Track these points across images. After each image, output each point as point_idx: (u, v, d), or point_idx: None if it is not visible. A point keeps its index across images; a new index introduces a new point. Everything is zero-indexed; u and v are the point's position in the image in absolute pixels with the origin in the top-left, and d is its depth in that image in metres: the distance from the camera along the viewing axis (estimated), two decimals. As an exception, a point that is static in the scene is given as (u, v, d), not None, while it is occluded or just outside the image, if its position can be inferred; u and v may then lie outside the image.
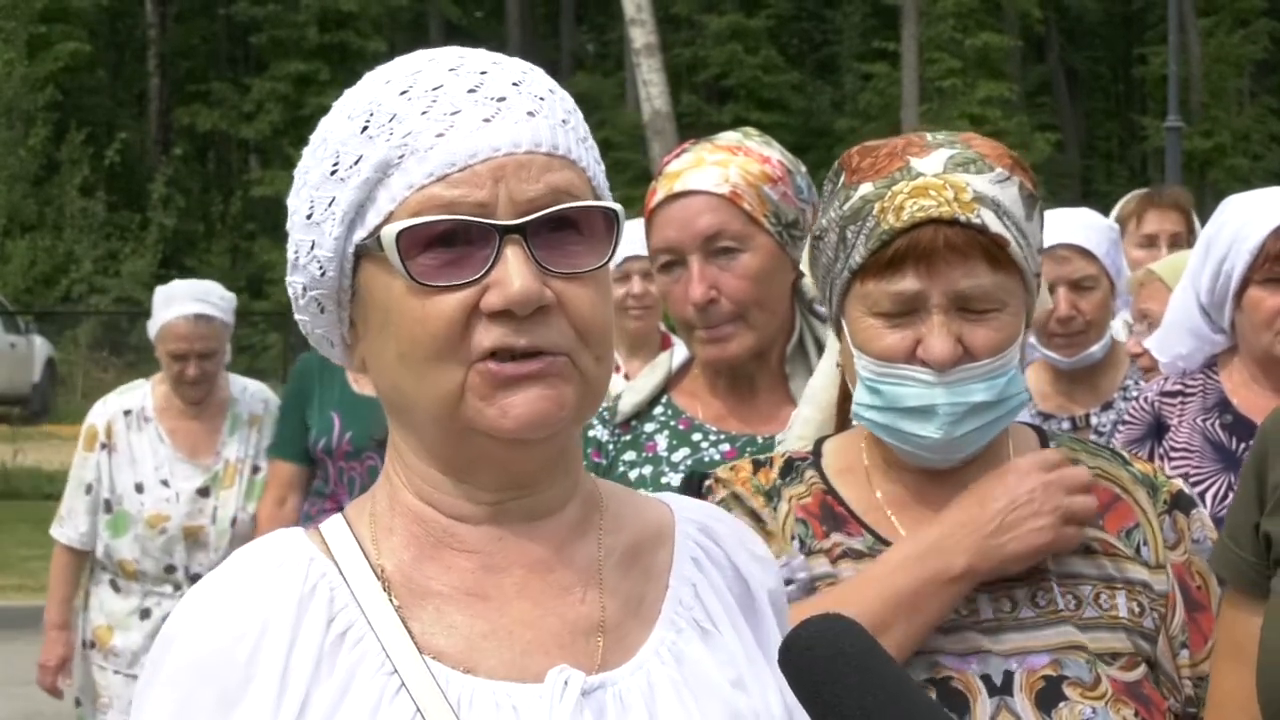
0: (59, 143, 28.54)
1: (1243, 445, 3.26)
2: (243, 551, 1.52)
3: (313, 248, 1.49)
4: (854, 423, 2.10)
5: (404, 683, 1.43)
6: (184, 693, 1.45)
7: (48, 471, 16.43)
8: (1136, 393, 3.94)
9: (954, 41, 34.07)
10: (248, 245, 32.57)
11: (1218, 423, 3.37)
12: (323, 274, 1.50)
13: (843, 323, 2.04)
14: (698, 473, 2.13)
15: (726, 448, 2.78)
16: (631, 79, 29.27)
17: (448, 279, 1.44)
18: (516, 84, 1.48)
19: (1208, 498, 3.27)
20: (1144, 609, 2.02)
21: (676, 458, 2.79)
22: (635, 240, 5.02)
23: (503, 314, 1.43)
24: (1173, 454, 3.38)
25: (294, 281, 1.53)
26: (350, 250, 1.48)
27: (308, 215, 1.50)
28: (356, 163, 1.46)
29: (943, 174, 1.96)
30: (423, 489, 1.51)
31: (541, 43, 40.40)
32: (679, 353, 2.94)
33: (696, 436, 2.81)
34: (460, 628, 1.47)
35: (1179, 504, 2.09)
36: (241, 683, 1.43)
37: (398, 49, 1.75)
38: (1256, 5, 37.26)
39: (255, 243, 31.91)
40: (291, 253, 1.53)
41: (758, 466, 2.14)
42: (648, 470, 2.80)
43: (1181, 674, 2.02)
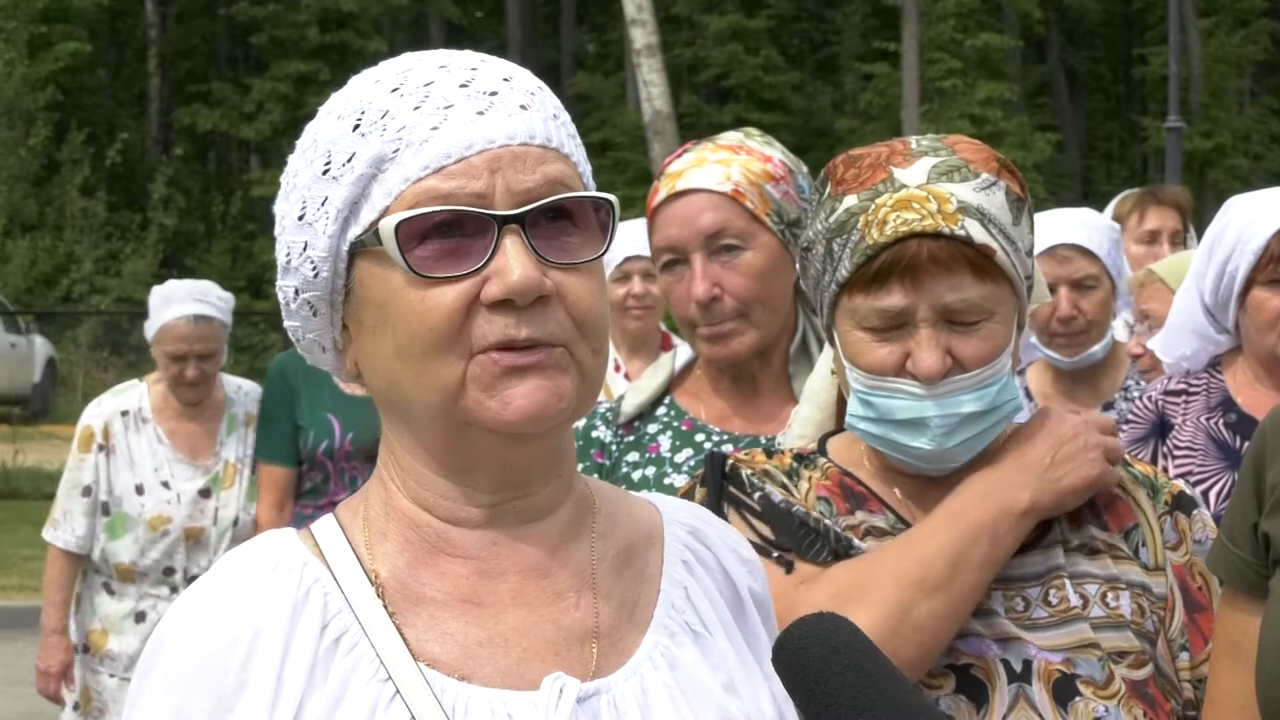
0: (59, 143, 28.55)
1: (1246, 444, 3.24)
2: (234, 554, 1.50)
3: (305, 248, 1.49)
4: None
5: (399, 690, 1.42)
6: (178, 699, 1.44)
7: (48, 471, 16.41)
8: (1138, 393, 3.94)
9: (954, 42, 34.06)
10: (248, 245, 32.54)
11: (1221, 421, 3.37)
12: (316, 274, 1.49)
13: (834, 333, 2.05)
14: (719, 454, 2.12)
15: (730, 449, 2.77)
16: (632, 79, 29.26)
17: (447, 270, 1.43)
18: (507, 79, 1.49)
19: (1211, 496, 3.27)
20: (1144, 611, 2.02)
21: (680, 459, 2.79)
22: (636, 240, 5.06)
23: (503, 305, 1.42)
24: (1176, 453, 3.38)
25: (285, 286, 1.52)
26: (344, 248, 1.47)
27: (299, 216, 1.49)
28: (349, 160, 1.46)
29: (926, 184, 1.96)
30: (418, 492, 1.50)
31: (542, 42, 40.40)
32: (682, 353, 2.93)
33: (700, 437, 2.80)
34: (455, 635, 1.47)
35: (1180, 505, 2.10)
36: (235, 689, 1.42)
37: (398, 49, 1.75)
38: (1257, 5, 37.27)
39: (255, 243, 31.89)
40: (283, 256, 1.51)
41: (770, 455, 2.15)
42: (651, 471, 2.80)
43: (1180, 676, 2.02)
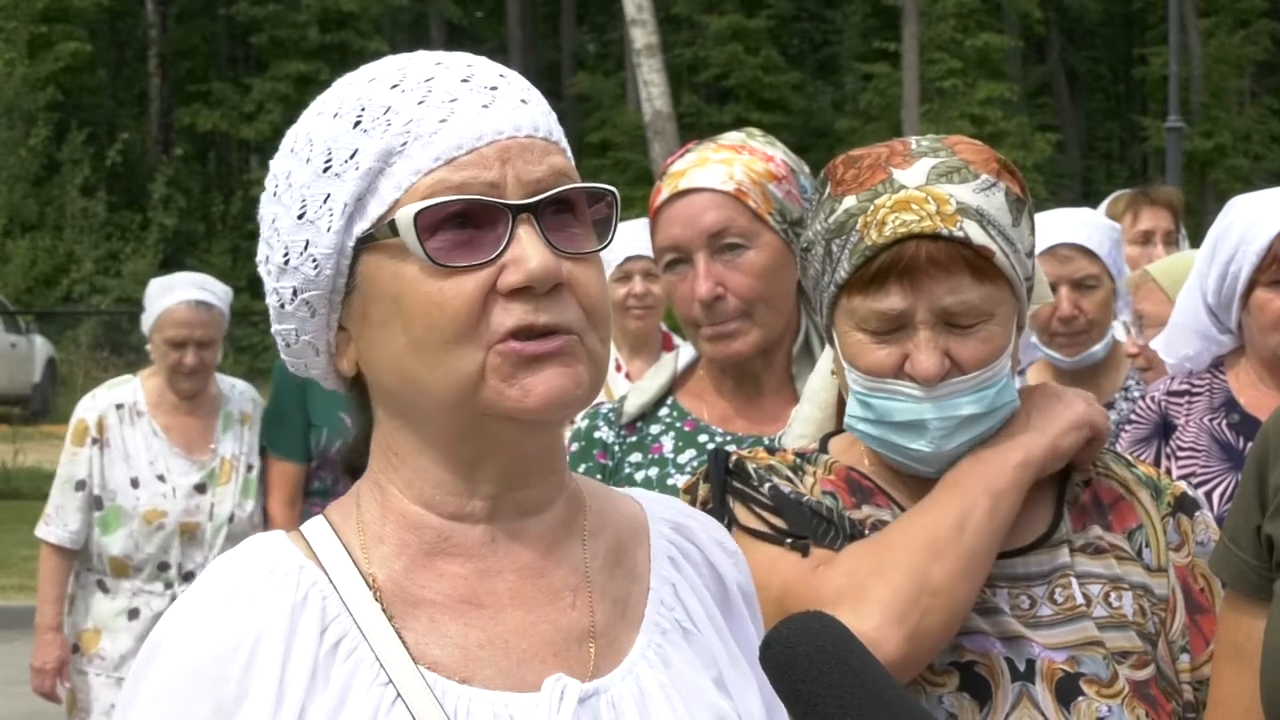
0: (60, 143, 28.55)
1: (1249, 445, 3.24)
2: (228, 558, 1.49)
3: (307, 247, 1.48)
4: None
5: (400, 694, 1.42)
6: (177, 706, 1.42)
7: (48, 471, 16.28)
8: (1139, 393, 3.94)
9: (954, 42, 34.10)
10: (248, 245, 32.44)
11: (1225, 422, 3.36)
12: (317, 273, 1.48)
13: (833, 333, 2.05)
14: (722, 450, 2.11)
15: (732, 449, 2.77)
16: (632, 79, 29.27)
17: (464, 260, 1.43)
18: (503, 75, 1.51)
19: (1214, 497, 3.27)
20: (1145, 612, 2.01)
21: (682, 459, 2.78)
22: (637, 240, 5.06)
23: (521, 292, 1.42)
24: (1179, 454, 3.37)
25: (282, 287, 1.51)
26: (350, 244, 1.46)
27: (299, 215, 1.48)
28: (352, 156, 1.45)
29: (925, 185, 1.95)
30: (423, 490, 1.49)
31: (542, 43, 40.41)
32: (684, 354, 2.93)
33: (702, 438, 2.79)
34: (455, 637, 1.46)
35: (1183, 506, 2.09)
36: (236, 697, 1.41)
37: (398, 49, 1.75)
38: (1257, 6, 37.31)
39: (256, 243, 31.73)
40: (279, 257, 1.50)
41: (772, 453, 2.14)
42: (654, 472, 2.79)
43: (1181, 678, 2.01)
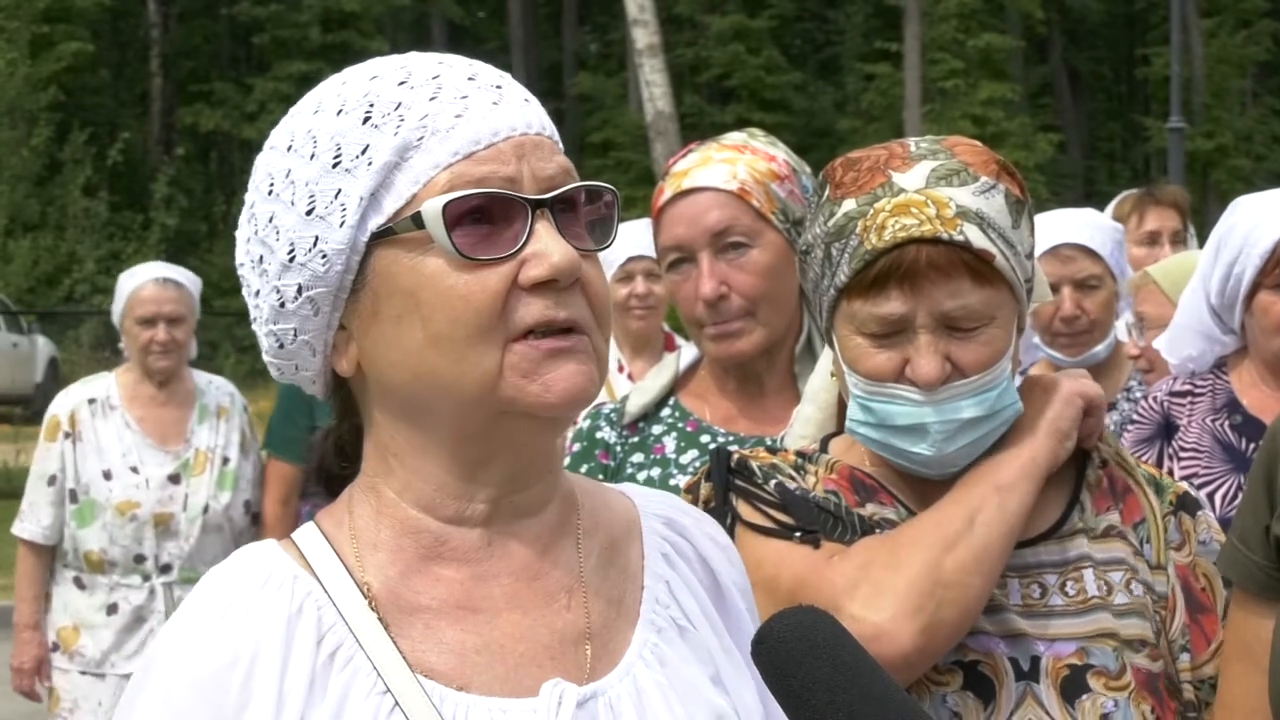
0: (62, 143, 28.55)
1: (1252, 446, 3.24)
2: (222, 569, 1.49)
3: (316, 243, 1.46)
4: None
5: (397, 702, 1.41)
6: (177, 718, 1.41)
7: (49, 472, 16.39)
8: (1140, 393, 3.93)
9: (956, 42, 34.10)
10: (250, 246, 32.51)
11: (1227, 423, 3.35)
12: (327, 269, 1.46)
13: (833, 336, 2.04)
14: (724, 449, 2.11)
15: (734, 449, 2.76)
16: (634, 79, 29.27)
17: (488, 253, 1.42)
18: (503, 76, 1.51)
19: (1217, 498, 3.26)
20: (1149, 607, 2.01)
21: (685, 460, 2.77)
22: (638, 240, 5.06)
23: (541, 287, 1.42)
24: (1182, 454, 3.37)
25: (285, 285, 1.49)
26: (364, 239, 1.45)
27: (308, 211, 1.46)
28: (364, 151, 1.45)
29: (924, 189, 1.94)
30: (422, 492, 1.49)
31: (544, 43, 40.41)
32: (686, 354, 2.92)
33: (705, 438, 2.78)
34: (451, 643, 1.46)
35: (1185, 505, 2.09)
36: (237, 709, 1.41)
37: (400, 49, 1.75)
38: (1259, 6, 37.32)
39: (257, 243, 31.86)
40: (284, 254, 1.48)
41: (773, 453, 2.14)
42: (656, 472, 2.78)
43: (1181, 677, 2.01)
